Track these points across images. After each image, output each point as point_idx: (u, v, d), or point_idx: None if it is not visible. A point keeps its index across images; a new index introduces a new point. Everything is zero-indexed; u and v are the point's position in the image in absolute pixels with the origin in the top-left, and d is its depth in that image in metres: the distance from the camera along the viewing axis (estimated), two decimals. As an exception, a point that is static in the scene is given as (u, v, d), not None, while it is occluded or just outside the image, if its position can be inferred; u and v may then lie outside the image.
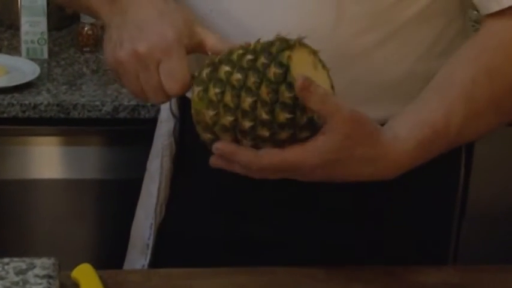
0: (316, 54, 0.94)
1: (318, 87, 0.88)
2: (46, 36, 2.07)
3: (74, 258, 1.13)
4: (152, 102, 0.99)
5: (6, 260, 0.99)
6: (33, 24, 2.06)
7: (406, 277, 1.10)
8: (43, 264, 0.99)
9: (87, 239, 2.00)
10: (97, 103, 1.85)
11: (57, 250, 1.92)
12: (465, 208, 2.09)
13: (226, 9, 1.07)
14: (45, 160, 1.92)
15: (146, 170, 1.29)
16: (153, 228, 1.24)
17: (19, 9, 2.07)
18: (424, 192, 1.18)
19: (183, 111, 1.21)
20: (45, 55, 2.08)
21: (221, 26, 1.07)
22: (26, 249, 1.96)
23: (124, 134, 1.91)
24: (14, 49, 2.13)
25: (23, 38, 2.07)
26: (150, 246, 1.25)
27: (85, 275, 1.02)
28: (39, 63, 2.01)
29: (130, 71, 0.96)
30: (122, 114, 1.85)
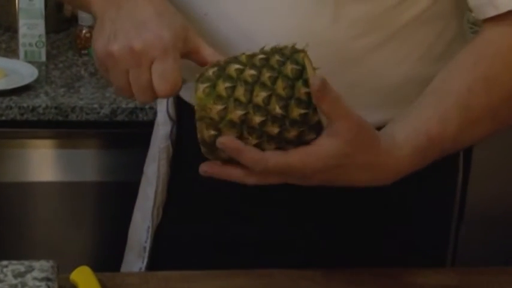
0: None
1: (332, 89, 0.89)
2: (44, 39, 2.07)
3: (72, 260, 1.13)
4: (137, 100, 0.97)
5: (4, 262, 0.99)
6: (31, 26, 2.06)
7: (405, 279, 1.10)
8: (42, 266, 0.98)
9: (85, 242, 2.00)
10: (95, 106, 1.85)
11: (55, 253, 1.93)
12: (463, 211, 2.10)
13: (222, 12, 1.06)
14: (43, 163, 1.92)
15: (143, 173, 1.29)
16: (150, 231, 1.24)
17: (17, 11, 2.07)
18: (423, 195, 1.18)
19: (180, 115, 1.21)
20: (43, 58, 2.08)
21: (217, 29, 1.07)
22: (24, 251, 1.96)
23: (122, 136, 1.91)
24: (12, 52, 2.13)
25: (21, 40, 2.07)
26: (147, 249, 1.25)
27: (83, 278, 1.02)
28: (37, 66, 2.01)
29: (121, 66, 0.95)
30: (120, 117, 1.85)
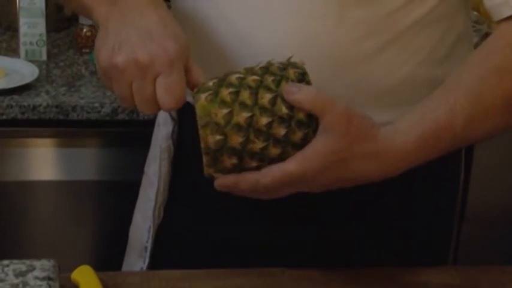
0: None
1: (305, 88, 0.89)
2: (45, 38, 2.07)
3: (73, 259, 1.13)
4: (140, 111, 0.96)
5: (5, 262, 0.99)
6: (31, 25, 2.06)
7: (407, 278, 1.10)
8: (43, 266, 0.98)
9: (86, 241, 2.00)
10: (96, 105, 1.84)
11: (56, 252, 1.92)
12: (465, 210, 2.09)
13: (224, 14, 1.06)
14: (44, 162, 1.92)
15: (144, 173, 1.28)
16: (152, 231, 1.24)
17: (17, 10, 2.07)
18: (424, 195, 1.17)
19: (182, 114, 1.21)
20: (44, 57, 2.08)
21: (218, 31, 1.07)
22: (25, 251, 1.96)
23: (123, 135, 1.91)
24: (12, 51, 2.12)
25: (22, 39, 2.06)
26: (149, 249, 1.25)
27: (85, 277, 1.02)
28: (38, 65, 2.01)
29: (125, 77, 0.93)
30: (121, 116, 1.85)
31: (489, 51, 1.00)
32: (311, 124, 0.91)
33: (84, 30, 2.13)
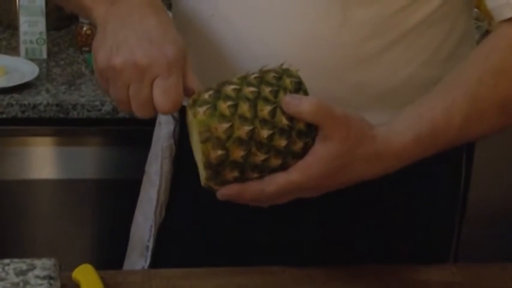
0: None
1: (305, 100, 0.89)
2: (45, 36, 2.07)
3: (74, 258, 1.13)
4: (136, 114, 0.95)
5: (6, 261, 0.99)
6: (31, 24, 2.06)
7: (408, 276, 1.09)
8: (44, 265, 0.98)
9: (87, 240, 2.00)
10: (96, 103, 1.84)
11: (57, 250, 1.92)
12: (466, 208, 2.09)
13: (229, 14, 1.06)
14: (44, 160, 1.92)
15: (145, 172, 1.28)
16: (153, 230, 1.24)
17: (17, 9, 2.07)
18: (425, 194, 1.17)
19: (183, 114, 1.20)
20: (44, 55, 2.08)
21: (223, 31, 1.06)
22: (26, 250, 1.96)
23: (124, 133, 1.91)
24: (12, 49, 2.12)
25: (22, 38, 2.06)
26: (150, 248, 1.24)
27: (86, 276, 1.02)
28: (38, 63, 2.01)
29: (122, 79, 0.92)
30: (122, 114, 1.85)
31: (489, 52, 1.00)
32: (311, 133, 0.90)
33: (84, 28, 2.13)
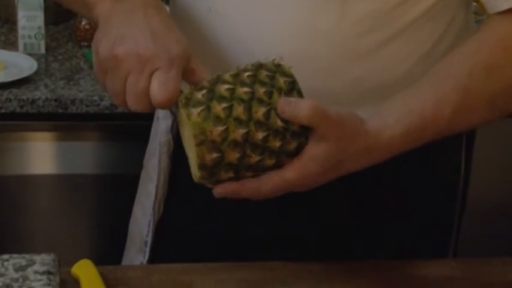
0: None
1: (300, 104, 0.89)
2: (43, 31, 2.06)
3: (73, 253, 1.13)
4: (130, 107, 0.94)
5: (5, 256, 0.99)
6: (30, 18, 2.06)
7: (407, 271, 1.10)
8: (43, 260, 0.98)
9: (86, 235, 2.00)
10: (95, 98, 1.84)
11: (56, 246, 1.92)
12: (465, 203, 2.09)
13: (226, 8, 1.05)
14: (43, 155, 1.92)
15: (143, 167, 1.28)
16: (151, 225, 1.24)
17: (16, 3, 2.06)
18: (425, 189, 1.17)
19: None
20: (43, 50, 2.08)
21: (220, 25, 1.06)
22: (25, 245, 1.96)
23: (122, 128, 1.90)
24: (11, 44, 2.12)
25: (20, 32, 2.06)
26: (149, 243, 1.24)
27: (85, 271, 1.02)
28: (37, 58, 2.00)
29: (123, 68, 0.93)
30: (120, 109, 1.84)
31: (480, 45, 1.01)
32: (304, 133, 0.91)
33: (83, 23, 2.12)
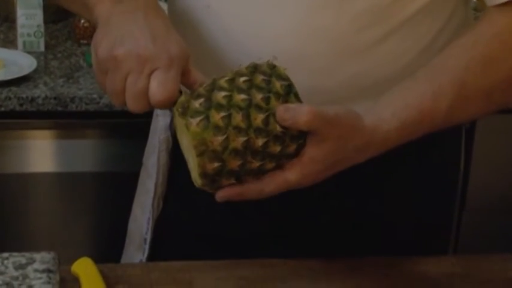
0: None
1: (299, 112, 0.89)
2: (42, 29, 2.06)
3: (73, 252, 1.13)
4: (129, 108, 0.95)
5: (5, 254, 0.99)
6: (29, 17, 2.05)
7: (407, 268, 1.10)
8: (43, 258, 0.98)
9: (86, 233, 2.00)
10: (94, 96, 1.84)
11: (56, 244, 1.92)
12: (465, 199, 2.09)
13: (225, 5, 1.05)
14: (42, 153, 1.92)
15: (142, 164, 1.28)
16: (151, 222, 1.24)
17: (15, 1, 2.06)
18: (425, 185, 1.17)
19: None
20: (42, 48, 2.07)
21: (219, 22, 1.06)
22: (25, 243, 1.96)
23: (122, 126, 1.90)
24: (10, 42, 2.12)
25: (19, 31, 2.06)
26: (148, 241, 1.24)
27: (85, 269, 1.02)
28: (36, 56, 2.00)
29: (122, 69, 0.93)
30: (120, 107, 1.84)
31: (476, 39, 1.01)
32: (303, 134, 0.91)
33: (82, 21, 2.12)
